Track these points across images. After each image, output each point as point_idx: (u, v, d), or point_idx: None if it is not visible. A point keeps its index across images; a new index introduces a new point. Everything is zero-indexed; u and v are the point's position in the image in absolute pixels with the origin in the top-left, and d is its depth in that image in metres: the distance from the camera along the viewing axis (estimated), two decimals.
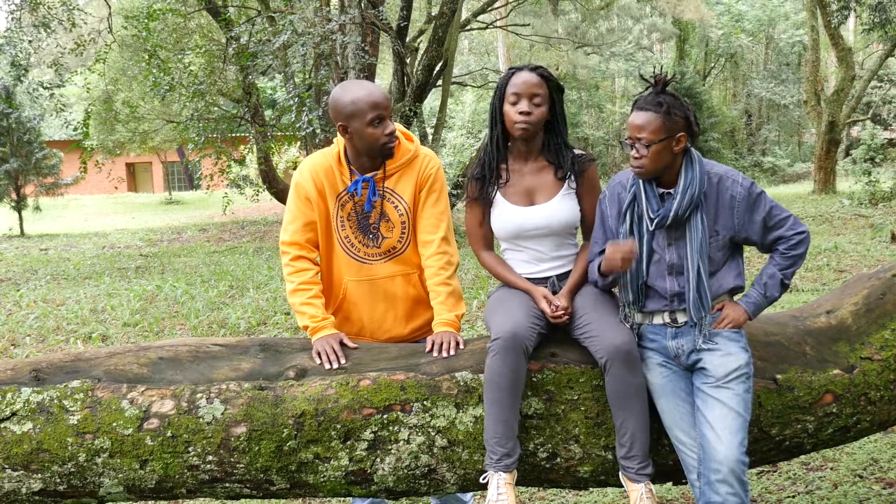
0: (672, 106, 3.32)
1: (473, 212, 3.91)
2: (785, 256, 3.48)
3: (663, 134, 3.31)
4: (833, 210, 19.72)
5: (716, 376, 3.36)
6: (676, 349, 3.48)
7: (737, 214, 3.42)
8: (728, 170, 3.45)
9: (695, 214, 3.37)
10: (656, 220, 3.40)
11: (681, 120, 3.33)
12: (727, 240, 3.45)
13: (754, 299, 3.50)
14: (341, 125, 3.70)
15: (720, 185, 3.42)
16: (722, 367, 3.36)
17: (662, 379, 3.49)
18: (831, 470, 5.11)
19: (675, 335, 3.48)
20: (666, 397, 3.47)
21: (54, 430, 3.38)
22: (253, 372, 3.57)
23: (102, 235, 24.67)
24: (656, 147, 3.31)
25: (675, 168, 3.41)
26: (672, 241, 3.44)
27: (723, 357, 3.38)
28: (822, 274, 11.50)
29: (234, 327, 9.79)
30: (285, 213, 3.93)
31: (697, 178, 3.36)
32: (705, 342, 3.41)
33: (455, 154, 30.33)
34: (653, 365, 3.52)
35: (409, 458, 3.46)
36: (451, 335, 3.71)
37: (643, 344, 3.56)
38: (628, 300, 3.54)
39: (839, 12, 22.38)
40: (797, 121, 43.04)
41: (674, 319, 3.49)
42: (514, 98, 3.70)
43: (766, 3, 41.42)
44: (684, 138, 3.35)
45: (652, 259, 3.48)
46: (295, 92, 16.22)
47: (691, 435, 3.40)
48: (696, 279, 3.38)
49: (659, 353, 3.52)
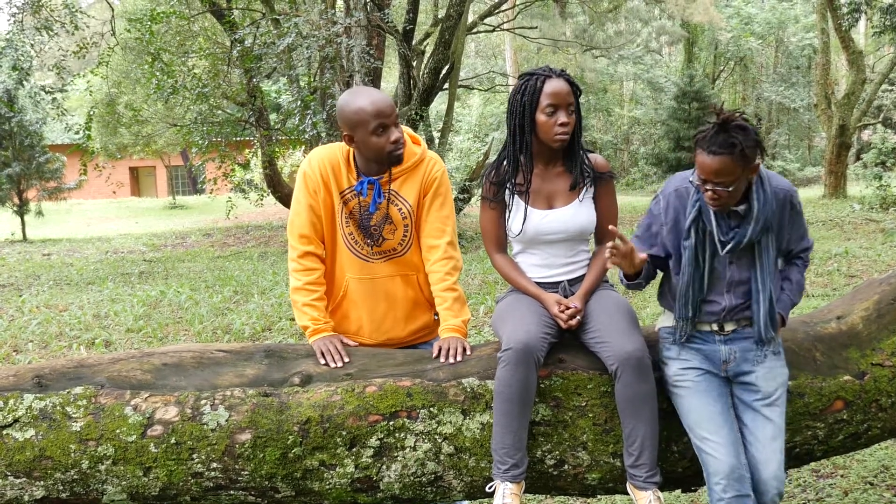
0: (745, 145, 3.17)
1: (489, 214, 3.88)
2: (805, 262, 3.56)
3: (740, 172, 3.19)
4: (844, 215, 19.66)
5: (766, 392, 3.38)
6: (728, 355, 3.45)
7: (786, 228, 3.42)
8: (788, 185, 3.41)
9: (766, 236, 3.33)
10: (730, 246, 3.34)
11: (751, 153, 3.19)
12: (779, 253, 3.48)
13: (786, 304, 3.51)
14: (347, 135, 3.69)
15: (785, 202, 3.39)
16: (772, 381, 3.39)
17: (697, 378, 3.44)
18: (842, 477, 5.09)
19: (725, 341, 3.46)
20: (698, 396, 3.42)
21: (57, 437, 3.36)
22: (257, 378, 3.55)
23: (106, 240, 24.65)
24: (735, 186, 3.21)
25: (744, 187, 3.30)
26: (734, 260, 3.40)
27: (771, 372, 3.40)
28: (832, 279, 11.46)
29: (239, 333, 9.77)
30: (292, 205, 3.91)
31: (770, 200, 3.30)
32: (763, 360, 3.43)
33: (462, 158, 30.31)
34: (687, 365, 3.47)
35: (416, 465, 3.43)
36: (458, 341, 3.69)
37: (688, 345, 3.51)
38: (686, 316, 3.45)
39: (850, 15, 22.40)
40: (807, 124, 42.98)
41: (721, 328, 3.46)
42: (552, 108, 3.66)
43: (775, 5, 41.35)
44: (758, 165, 3.26)
45: (712, 276, 3.42)
46: (299, 95, 16.22)
47: (721, 434, 3.35)
48: (768, 302, 3.36)
49: (700, 355, 3.47)
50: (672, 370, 3.49)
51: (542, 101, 3.66)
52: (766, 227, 3.31)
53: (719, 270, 3.41)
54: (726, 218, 3.34)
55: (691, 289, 3.41)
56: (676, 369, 3.48)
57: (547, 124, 3.67)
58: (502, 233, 3.89)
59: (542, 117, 3.67)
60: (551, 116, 3.66)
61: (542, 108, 3.67)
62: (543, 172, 3.82)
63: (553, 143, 3.69)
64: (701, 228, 3.37)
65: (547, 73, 3.71)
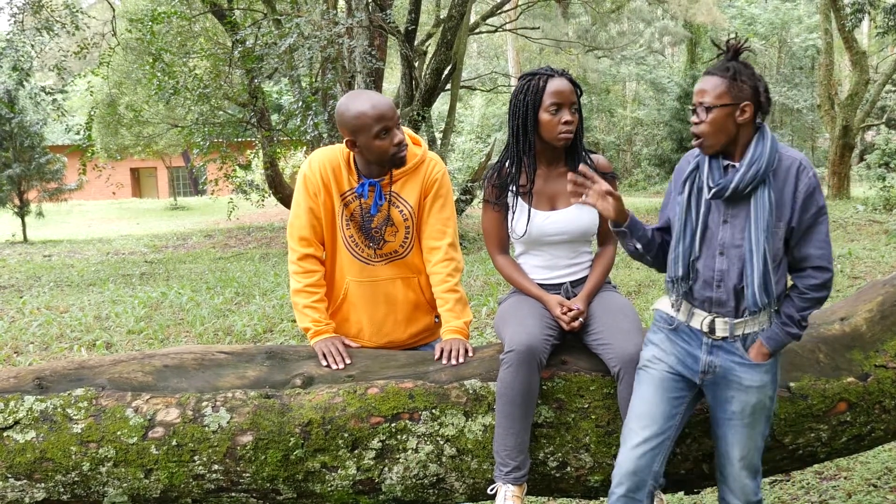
0: (740, 72, 3.13)
1: (491, 215, 3.88)
2: (804, 298, 3.23)
3: (727, 99, 3.10)
4: (847, 216, 19.64)
5: (738, 409, 3.25)
6: (708, 366, 3.29)
7: (795, 207, 3.17)
8: (804, 157, 3.20)
9: (761, 190, 3.14)
10: (715, 190, 3.18)
11: (748, 88, 3.12)
12: (783, 234, 3.20)
13: (776, 335, 3.24)
14: (349, 139, 3.67)
15: (792, 169, 3.17)
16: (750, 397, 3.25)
17: (664, 373, 3.32)
18: (845, 479, 5.08)
19: (710, 350, 3.29)
20: (652, 390, 3.31)
21: (58, 439, 3.35)
22: (259, 380, 3.54)
23: (106, 241, 24.64)
24: (718, 112, 3.11)
25: (741, 142, 3.18)
26: (728, 219, 3.21)
27: (752, 388, 3.24)
28: (835, 280, 11.37)
29: (240, 335, 9.76)
30: (292, 207, 3.91)
31: (767, 153, 3.13)
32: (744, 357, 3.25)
33: (464, 159, 30.34)
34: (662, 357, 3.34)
35: (418, 467, 3.43)
36: (460, 342, 3.68)
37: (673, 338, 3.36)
38: (677, 275, 3.31)
39: (853, 15, 22.38)
40: (811, 125, 42.88)
41: (712, 330, 3.28)
42: (555, 107, 3.65)
43: (779, 6, 41.32)
44: (750, 108, 3.13)
45: (705, 235, 3.26)
46: (301, 96, 16.22)
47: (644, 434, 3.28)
48: (762, 262, 3.14)
49: (681, 352, 3.33)
50: (647, 354, 3.38)
51: (546, 99, 3.66)
52: (760, 181, 3.13)
53: (712, 230, 3.25)
54: (721, 170, 3.22)
55: (681, 244, 3.29)
56: (650, 355, 3.37)
57: (551, 123, 3.66)
58: (504, 234, 3.88)
59: (546, 116, 3.67)
60: (555, 115, 3.65)
61: (545, 107, 3.66)
62: (546, 173, 3.81)
63: (557, 141, 3.68)
64: (698, 184, 3.27)
65: (549, 72, 3.72)
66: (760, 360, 3.23)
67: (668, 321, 3.39)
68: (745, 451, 3.27)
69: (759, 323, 3.24)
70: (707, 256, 3.26)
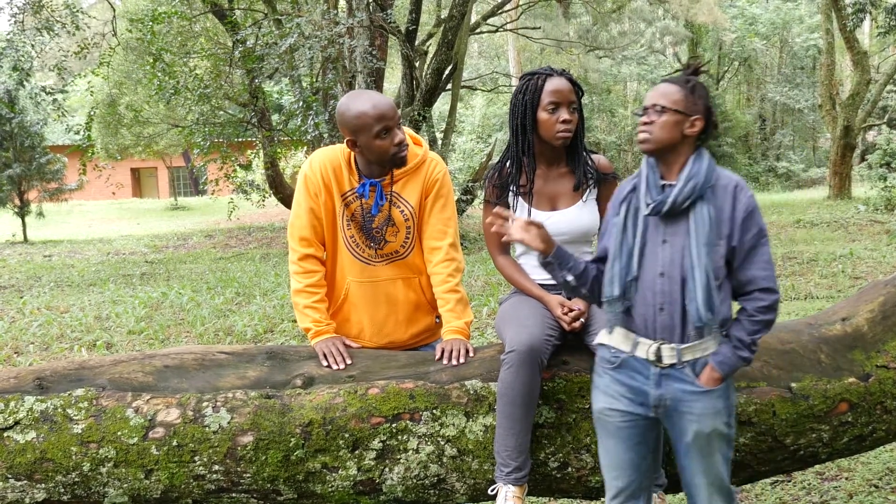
0: (697, 88, 3.12)
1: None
2: (753, 320, 3.08)
3: (681, 107, 3.08)
4: (848, 216, 19.66)
5: (696, 438, 3.11)
6: (658, 400, 3.15)
7: (735, 226, 3.09)
8: (740, 179, 3.16)
9: (700, 205, 3.07)
10: (652, 206, 3.11)
11: (702, 104, 3.11)
12: (724, 252, 3.09)
13: (727, 359, 3.08)
14: (349, 139, 3.66)
15: (729, 188, 3.12)
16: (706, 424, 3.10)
17: (621, 424, 3.20)
18: (846, 480, 5.07)
19: (658, 382, 3.14)
20: (615, 442, 3.24)
21: (58, 440, 3.34)
22: (259, 380, 3.54)
23: (107, 242, 24.66)
24: (669, 116, 3.08)
25: (681, 158, 3.14)
26: (668, 238, 3.12)
27: (706, 415, 3.10)
28: (837, 281, 11.45)
29: (241, 335, 9.75)
30: (293, 207, 3.90)
31: (704, 170, 3.09)
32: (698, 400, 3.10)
33: (465, 159, 30.28)
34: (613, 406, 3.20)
35: (419, 467, 3.42)
36: (461, 343, 3.68)
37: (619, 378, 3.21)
38: (613, 295, 3.17)
39: (855, 15, 22.39)
40: (812, 125, 42.93)
41: (658, 358, 3.12)
42: (553, 106, 3.66)
43: (780, 6, 41.34)
44: (700, 124, 3.10)
45: (644, 254, 3.16)
46: (302, 96, 16.21)
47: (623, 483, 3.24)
48: (705, 277, 3.03)
49: (630, 392, 3.18)
50: (597, 406, 3.26)
51: (544, 98, 3.66)
52: (699, 196, 3.06)
53: (652, 250, 3.15)
54: (658, 188, 3.14)
55: (618, 263, 3.16)
56: (600, 407, 3.25)
57: (549, 122, 3.66)
58: None
59: (544, 115, 3.67)
60: (553, 114, 3.65)
61: (543, 106, 3.67)
62: (546, 173, 3.81)
63: (555, 140, 3.68)
64: (633, 204, 3.19)
65: (548, 72, 3.72)
66: (712, 385, 3.08)
67: (610, 360, 3.23)
68: (710, 478, 3.16)
69: (708, 348, 3.11)
70: (647, 279, 3.14)
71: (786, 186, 38.01)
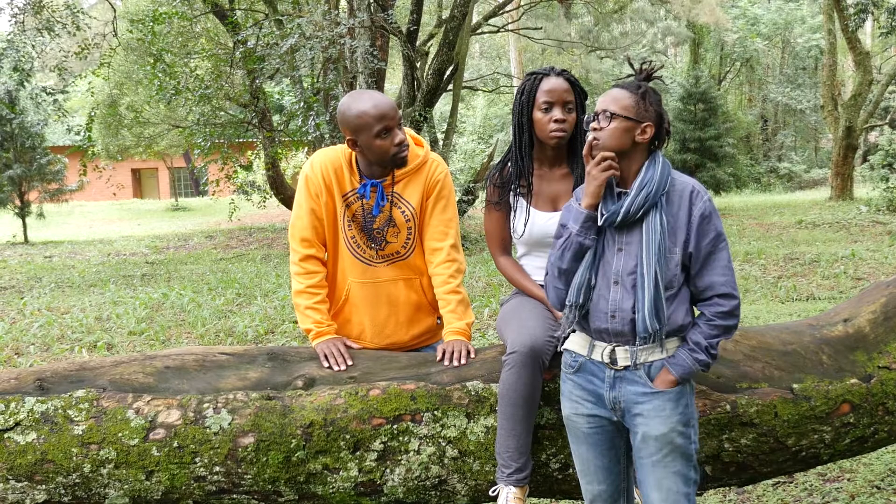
0: (649, 94, 3.11)
1: (494, 216, 3.88)
2: (712, 325, 3.08)
3: (631, 113, 3.05)
4: (850, 217, 19.65)
5: (651, 445, 3.09)
6: (614, 402, 3.15)
7: (691, 232, 3.07)
8: (695, 183, 3.14)
9: (653, 214, 3.05)
10: (606, 217, 3.09)
11: (653, 111, 3.10)
12: (679, 259, 3.09)
13: (683, 361, 3.08)
14: (350, 139, 3.66)
15: (685, 193, 3.11)
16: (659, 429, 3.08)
17: (589, 429, 3.22)
18: (848, 481, 5.06)
19: (612, 384, 3.15)
20: (586, 448, 3.25)
21: (59, 441, 3.34)
22: (260, 381, 3.53)
23: (108, 242, 24.66)
24: (619, 123, 3.05)
25: (634, 166, 3.12)
26: (623, 246, 3.12)
27: (659, 420, 3.08)
28: (839, 282, 11.44)
29: (242, 336, 9.75)
30: (294, 208, 3.90)
31: (658, 178, 3.07)
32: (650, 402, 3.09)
33: (466, 159, 30.29)
34: (579, 410, 3.23)
35: (420, 468, 3.42)
36: (462, 344, 3.67)
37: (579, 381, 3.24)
38: (575, 301, 3.17)
39: (857, 16, 22.37)
40: (814, 126, 42.84)
41: (613, 360, 3.14)
42: (547, 105, 3.65)
43: (782, 6, 41.31)
44: (651, 130, 3.09)
45: (601, 262, 3.16)
46: (303, 96, 16.20)
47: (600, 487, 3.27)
48: (654, 287, 3.02)
49: (591, 395, 3.20)
50: (564, 412, 3.30)
51: (539, 98, 3.67)
52: (652, 205, 3.04)
53: (608, 258, 3.14)
54: (614, 196, 3.12)
55: (582, 275, 3.16)
56: (568, 412, 3.28)
57: (542, 121, 3.67)
58: (507, 235, 3.87)
59: (538, 114, 3.67)
60: (547, 113, 3.65)
61: (538, 106, 3.67)
62: (547, 174, 3.80)
63: (549, 140, 3.68)
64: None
65: (546, 71, 3.72)
66: (666, 388, 3.08)
67: (571, 364, 3.26)
68: (664, 495, 3.10)
69: (663, 351, 3.11)
70: (602, 286, 3.14)
71: (787, 187, 37.97)
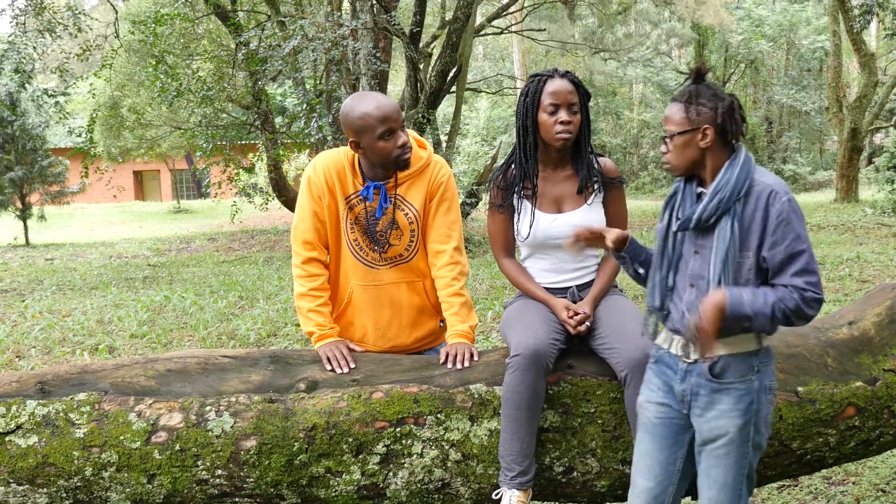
0: (697, 95, 3.05)
1: (497, 218, 3.87)
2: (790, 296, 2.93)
3: (686, 126, 3.04)
4: (855, 219, 19.62)
5: (704, 436, 3.09)
6: (683, 395, 3.14)
7: (766, 236, 2.99)
8: (778, 184, 3.02)
9: (725, 220, 3.02)
10: (679, 222, 3.12)
11: (708, 111, 3.03)
12: (753, 264, 3.03)
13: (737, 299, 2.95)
14: (353, 141, 3.65)
15: (763, 195, 3.01)
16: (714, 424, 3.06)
17: (656, 419, 3.21)
18: (853, 484, 5.04)
19: (683, 377, 3.13)
20: (649, 439, 3.24)
21: (60, 444, 3.33)
22: (263, 384, 3.52)
23: (109, 245, 24.65)
24: (678, 140, 3.06)
25: (711, 166, 3.09)
26: (699, 249, 3.11)
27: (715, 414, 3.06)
28: (844, 284, 11.41)
29: (244, 339, 9.73)
30: (296, 210, 3.89)
31: (733, 181, 3.01)
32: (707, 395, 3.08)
33: (469, 162, 30.28)
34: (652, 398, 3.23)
35: (423, 472, 3.41)
36: (465, 346, 3.66)
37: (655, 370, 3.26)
38: (653, 305, 3.22)
39: (861, 17, 22.30)
40: (819, 128, 42.79)
41: (686, 353, 3.13)
42: (552, 107, 3.64)
43: (787, 7, 41.22)
44: (711, 131, 3.03)
45: (680, 264, 3.18)
46: (305, 98, 16.19)
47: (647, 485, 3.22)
48: None
49: (665, 386, 3.21)
50: (640, 398, 3.29)
51: (544, 100, 3.66)
52: (724, 211, 3.01)
53: (686, 260, 3.16)
54: (693, 197, 3.14)
55: (658, 273, 3.21)
56: (642, 399, 3.28)
57: (547, 123, 3.65)
58: (510, 237, 3.86)
59: (544, 116, 3.66)
60: (552, 115, 3.64)
61: (543, 108, 3.66)
62: (551, 176, 3.79)
63: (554, 142, 3.67)
64: (674, 212, 3.19)
65: (550, 73, 3.71)
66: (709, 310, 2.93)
67: (653, 355, 3.28)
68: (710, 493, 3.09)
69: (732, 346, 3.06)
70: (680, 287, 3.16)
71: (793, 189, 37.73)
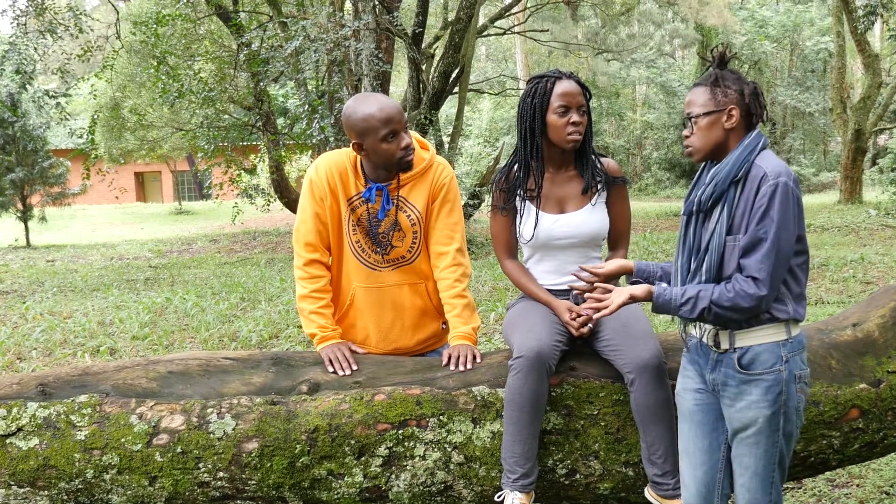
0: (723, 78, 3.05)
1: (500, 220, 3.87)
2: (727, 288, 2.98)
3: (712, 106, 3.03)
4: (859, 220, 19.63)
5: (734, 425, 3.10)
6: (713, 383, 3.14)
7: (753, 217, 2.97)
8: (775, 167, 3.00)
9: (719, 207, 3.04)
10: (685, 207, 3.16)
11: (734, 93, 3.03)
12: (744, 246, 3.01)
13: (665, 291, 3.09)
14: (356, 142, 3.65)
15: (756, 178, 2.99)
16: (742, 414, 3.06)
17: (694, 406, 3.23)
18: (857, 487, 5.03)
19: (714, 367, 3.13)
20: (690, 426, 3.25)
21: (61, 446, 3.33)
22: (265, 386, 3.52)
23: (110, 246, 24.65)
24: (703, 121, 3.05)
25: (731, 149, 3.07)
26: (705, 233, 3.11)
27: (742, 403, 3.06)
28: (847, 286, 11.40)
29: (246, 340, 9.72)
30: (298, 212, 3.89)
31: (729, 165, 3.02)
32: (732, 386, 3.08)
33: (472, 163, 30.31)
34: (689, 385, 3.25)
35: (425, 474, 3.40)
36: (467, 348, 3.66)
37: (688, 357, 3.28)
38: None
39: (866, 18, 22.33)
40: (823, 129, 42.74)
41: (717, 343, 3.10)
42: (563, 109, 3.64)
43: (790, 8, 41.17)
44: (737, 111, 3.03)
45: (699, 251, 3.15)
46: (307, 99, 16.19)
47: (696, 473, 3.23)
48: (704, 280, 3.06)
49: (698, 372, 3.22)
50: (677, 387, 3.32)
51: (554, 102, 3.64)
52: (720, 194, 3.02)
53: (701, 243, 3.14)
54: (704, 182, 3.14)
55: (680, 258, 3.21)
56: (679, 388, 3.31)
57: (558, 125, 3.64)
58: (513, 239, 3.86)
59: (554, 118, 3.65)
60: (563, 117, 3.63)
61: (553, 109, 3.65)
62: (554, 176, 3.79)
63: (566, 143, 3.66)
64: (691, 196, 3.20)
65: (557, 74, 3.70)
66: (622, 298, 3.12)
67: (687, 343, 3.29)
68: (743, 479, 3.11)
69: (760, 336, 3.05)
70: None
71: None
